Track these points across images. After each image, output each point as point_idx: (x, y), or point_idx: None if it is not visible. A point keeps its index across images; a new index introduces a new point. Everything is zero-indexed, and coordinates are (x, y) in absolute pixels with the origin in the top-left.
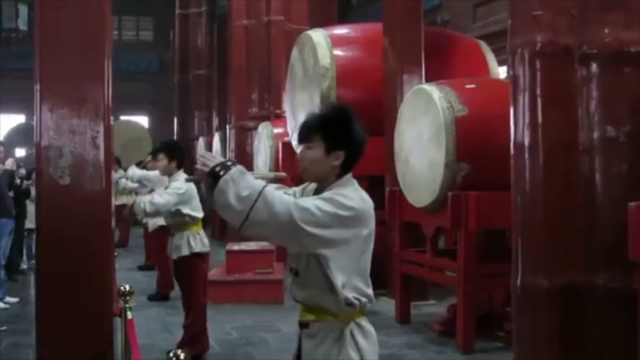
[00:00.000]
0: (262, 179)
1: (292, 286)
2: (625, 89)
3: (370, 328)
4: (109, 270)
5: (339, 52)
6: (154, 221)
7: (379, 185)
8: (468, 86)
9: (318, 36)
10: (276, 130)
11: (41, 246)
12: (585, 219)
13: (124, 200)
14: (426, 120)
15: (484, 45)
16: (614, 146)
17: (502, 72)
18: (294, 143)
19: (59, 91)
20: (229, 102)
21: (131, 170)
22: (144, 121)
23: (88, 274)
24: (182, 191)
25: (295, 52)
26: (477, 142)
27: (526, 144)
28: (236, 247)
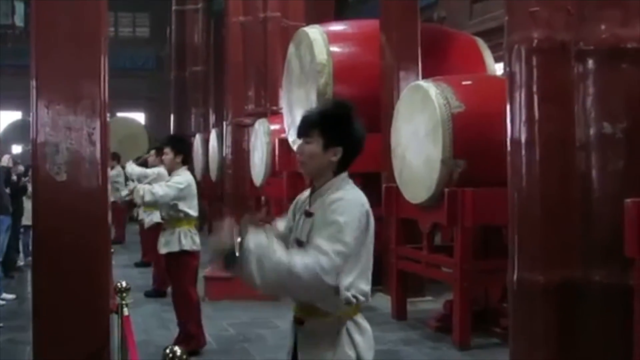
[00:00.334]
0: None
1: None
2: (621, 85)
3: (366, 324)
4: (105, 267)
5: (335, 48)
6: (150, 218)
7: (376, 181)
8: (465, 83)
9: (315, 33)
10: (273, 127)
11: (38, 243)
12: (581, 215)
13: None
14: (423, 116)
15: (480, 41)
16: (610, 142)
17: (498, 68)
18: (291, 139)
19: (55, 88)
20: (225, 99)
21: (130, 167)
22: (141, 118)
23: (85, 270)
24: (182, 186)
25: (291, 48)
26: (473, 139)
27: (523, 140)
28: None
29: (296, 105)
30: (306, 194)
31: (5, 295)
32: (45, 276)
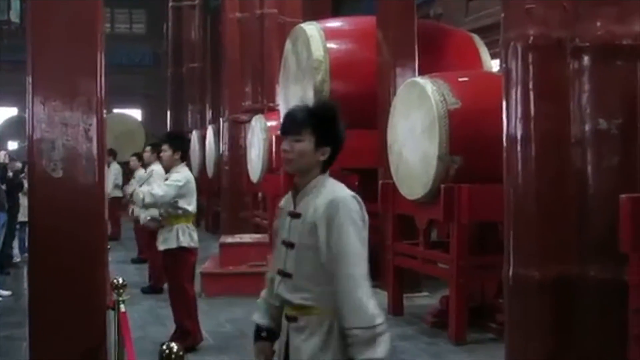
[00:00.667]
0: None
1: (281, 288)
2: (616, 81)
3: None
4: (102, 263)
5: (332, 45)
6: (145, 214)
7: (372, 177)
8: (461, 79)
9: (311, 29)
10: (269, 123)
11: (34, 239)
12: (576, 211)
13: (117, 193)
14: (419, 113)
15: (477, 38)
16: (605, 139)
17: (495, 65)
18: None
19: (51, 84)
20: (222, 95)
21: (138, 174)
22: (137, 114)
23: (81, 266)
24: (181, 184)
25: (288, 45)
26: (469, 135)
27: (518, 137)
28: (230, 239)
29: (293, 101)
30: (286, 198)
31: (1, 292)
32: (41, 272)
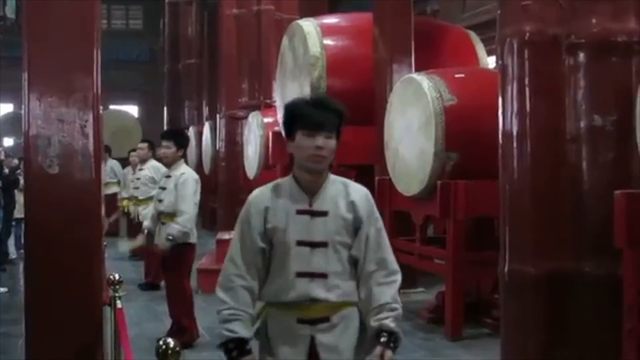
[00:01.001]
0: None
1: (311, 288)
2: (612, 78)
3: None
4: (98, 260)
5: (329, 41)
6: (144, 212)
7: (369, 174)
8: (457, 76)
9: (308, 25)
10: (266, 120)
11: (30, 236)
12: (572, 206)
13: (114, 189)
14: (416, 109)
15: (473, 35)
16: (600, 135)
17: (491, 61)
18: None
19: (47, 80)
20: (219, 92)
21: (142, 173)
22: (134, 110)
23: (77, 263)
24: (194, 190)
25: (285, 41)
26: (466, 131)
27: (514, 133)
28: (226, 236)
29: (290, 98)
30: (267, 196)
31: None
32: (37, 269)
